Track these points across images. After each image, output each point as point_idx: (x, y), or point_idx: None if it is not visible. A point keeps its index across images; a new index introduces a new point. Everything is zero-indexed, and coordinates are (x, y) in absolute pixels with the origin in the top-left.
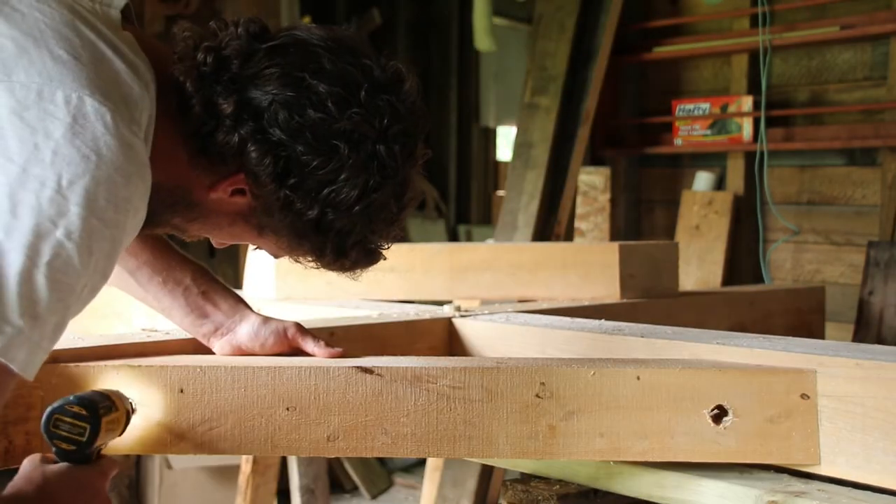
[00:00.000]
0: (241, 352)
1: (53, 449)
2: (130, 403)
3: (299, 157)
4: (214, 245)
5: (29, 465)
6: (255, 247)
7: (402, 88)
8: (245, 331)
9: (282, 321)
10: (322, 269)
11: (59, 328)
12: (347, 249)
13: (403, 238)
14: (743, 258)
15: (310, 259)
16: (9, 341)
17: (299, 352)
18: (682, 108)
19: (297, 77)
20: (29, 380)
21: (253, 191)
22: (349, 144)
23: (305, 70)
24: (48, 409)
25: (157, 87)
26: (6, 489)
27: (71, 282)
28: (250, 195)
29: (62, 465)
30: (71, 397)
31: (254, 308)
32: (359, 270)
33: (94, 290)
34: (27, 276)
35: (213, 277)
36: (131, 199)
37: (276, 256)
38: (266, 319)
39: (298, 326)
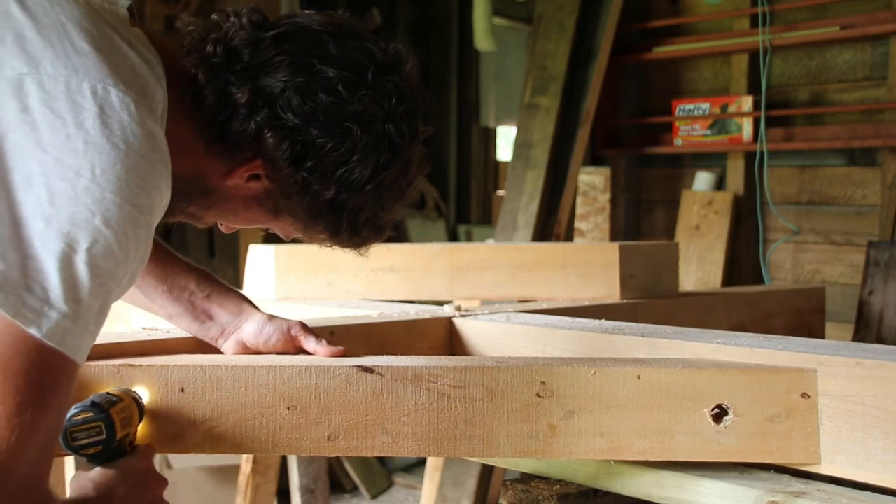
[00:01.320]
0: (246, 349)
1: (85, 460)
2: (134, 391)
3: (314, 141)
4: (223, 230)
5: (75, 480)
6: (266, 228)
7: (404, 69)
8: (250, 329)
9: (286, 320)
10: (334, 248)
11: (102, 313)
12: (360, 227)
13: (403, 230)
14: (743, 258)
15: (324, 237)
16: (56, 326)
17: (302, 350)
18: (682, 108)
19: (306, 63)
20: (80, 364)
21: (270, 175)
22: (361, 126)
23: (313, 56)
24: None
25: (167, 80)
26: None
27: (111, 267)
28: (267, 179)
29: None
30: (72, 409)
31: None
32: (369, 246)
33: (133, 276)
34: (68, 262)
35: (216, 280)
36: (159, 184)
37: (287, 238)
38: (270, 318)
39: (302, 325)
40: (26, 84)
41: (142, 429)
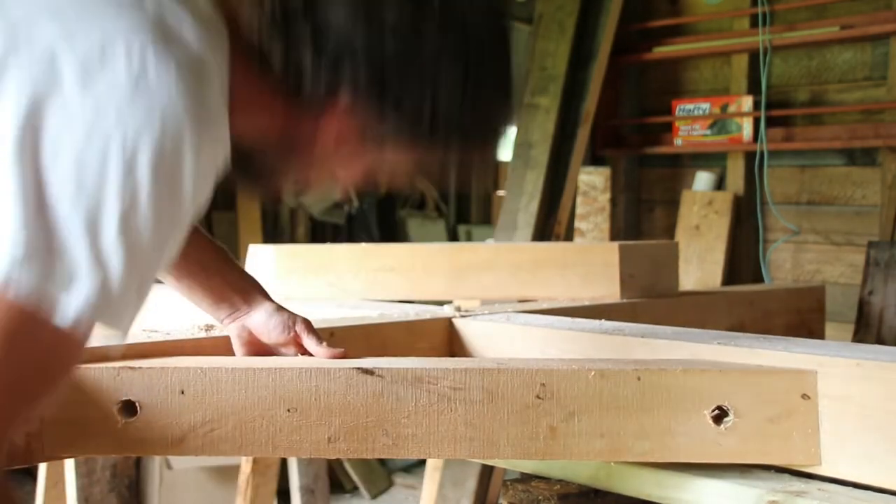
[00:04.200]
0: (250, 336)
1: None
2: None
3: (386, 59)
4: (340, 191)
5: None
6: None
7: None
8: (257, 317)
9: (293, 314)
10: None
11: (141, 293)
12: (467, 142)
13: (403, 230)
14: (743, 258)
15: (431, 162)
16: (86, 302)
17: (301, 347)
18: (682, 108)
19: None
20: (123, 342)
21: (360, 107)
22: (438, 26)
23: None
24: None
25: (235, 36)
26: None
27: (140, 247)
28: (357, 114)
29: None
30: None
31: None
32: (491, 151)
33: (166, 262)
34: (95, 234)
35: (232, 260)
36: (197, 166)
37: (391, 184)
38: (278, 308)
39: (306, 323)
40: (60, 50)
41: (142, 433)
